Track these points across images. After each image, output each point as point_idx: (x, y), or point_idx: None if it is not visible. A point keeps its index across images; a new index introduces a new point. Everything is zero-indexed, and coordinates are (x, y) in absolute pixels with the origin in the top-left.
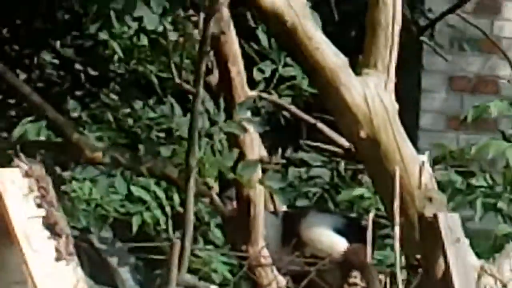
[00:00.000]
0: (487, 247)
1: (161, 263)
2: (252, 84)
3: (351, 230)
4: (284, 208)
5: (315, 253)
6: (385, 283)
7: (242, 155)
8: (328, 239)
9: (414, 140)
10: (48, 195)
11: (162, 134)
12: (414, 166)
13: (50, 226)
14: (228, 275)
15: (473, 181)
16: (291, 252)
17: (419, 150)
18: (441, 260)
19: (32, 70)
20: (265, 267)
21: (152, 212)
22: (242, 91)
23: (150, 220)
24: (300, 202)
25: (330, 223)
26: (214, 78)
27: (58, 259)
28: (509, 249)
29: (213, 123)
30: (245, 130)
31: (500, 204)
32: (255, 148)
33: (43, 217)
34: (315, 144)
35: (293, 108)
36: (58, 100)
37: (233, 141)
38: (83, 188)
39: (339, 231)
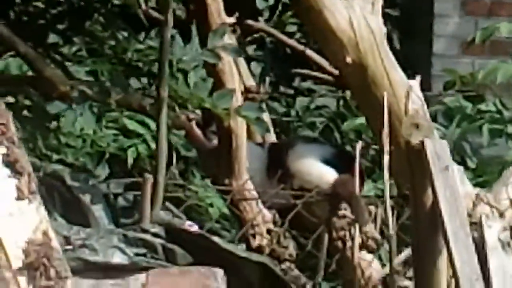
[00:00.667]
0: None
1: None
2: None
3: (341, 161)
4: (272, 139)
5: (303, 185)
6: (375, 214)
7: (221, 85)
8: (317, 170)
9: (428, 66)
10: (9, 132)
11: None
12: (403, 91)
13: (10, 164)
14: (226, 210)
15: (483, 106)
16: (278, 184)
17: (432, 77)
18: (429, 190)
19: (15, 3)
20: (250, 201)
21: (147, 144)
22: (219, 18)
23: (146, 152)
24: (305, 133)
25: (319, 154)
26: None
27: (19, 198)
28: (507, 176)
29: None
30: (219, 58)
31: (510, 130)
32: (235, 77)
33: (3, 154)
34: (304, 71)
35: (280, 35)
36: (42, 33)
37: (211, 70)
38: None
39: (328, 162)
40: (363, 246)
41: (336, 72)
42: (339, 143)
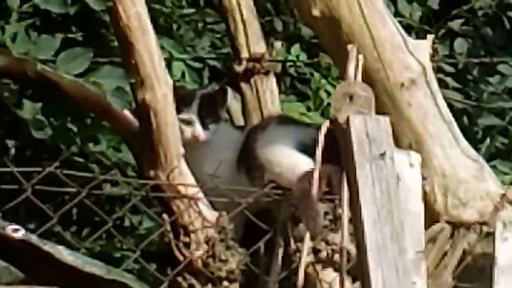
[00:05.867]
0: None
1: None
2: None
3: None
4: None
5: (274, 179)
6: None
7: (128, 46)
8: (288, 160)
9: None
10: None
11: None
12: (394, 54)
13: None
14: None
15: None
16: (247, 178)
17: None
18: None
19: None
20: (185, 200)
21: None
22: None
23: None
24: (490, 120)
25: (294, 139)
26: None
27: None
28: None
29: None
30: (63, 6)
31: None
32: (150, 35)
33: None
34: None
35: None
36: None
37: (116, 27)
38: None
39: (306, 150)
40: (328, 262)
41: None
42: None
